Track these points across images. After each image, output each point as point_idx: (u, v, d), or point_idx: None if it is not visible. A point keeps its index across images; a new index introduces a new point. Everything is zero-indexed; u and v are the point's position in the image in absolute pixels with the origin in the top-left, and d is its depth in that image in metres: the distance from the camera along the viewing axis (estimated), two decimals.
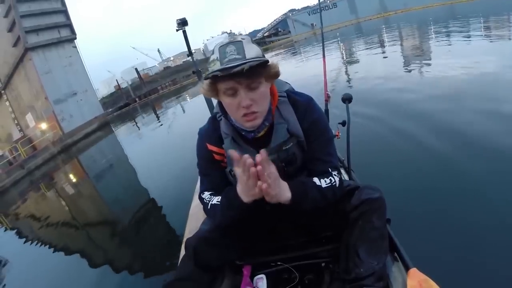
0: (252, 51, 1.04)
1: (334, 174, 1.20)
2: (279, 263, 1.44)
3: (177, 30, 2.76)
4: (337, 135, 2.19)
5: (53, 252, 4.49)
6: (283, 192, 1.06)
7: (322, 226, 1.40)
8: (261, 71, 1.05)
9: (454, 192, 2.48)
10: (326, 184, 1.16)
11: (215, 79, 1.06)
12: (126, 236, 4.25)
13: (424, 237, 2.02)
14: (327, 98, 2.45)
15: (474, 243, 1.92)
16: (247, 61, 0.99)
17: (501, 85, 4.50)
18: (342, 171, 2.02)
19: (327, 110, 2.43)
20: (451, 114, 3.94)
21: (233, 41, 1.05)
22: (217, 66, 1.04)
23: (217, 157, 1.28)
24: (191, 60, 3.34)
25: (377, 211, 1.19)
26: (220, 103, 1.22)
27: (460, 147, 3.12)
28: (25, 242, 5.42)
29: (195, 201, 2.37)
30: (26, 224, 6.72)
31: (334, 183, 1.17)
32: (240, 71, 0.98)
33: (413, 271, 1.18)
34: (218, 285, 1.35)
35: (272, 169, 1.00)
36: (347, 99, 2.03)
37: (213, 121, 1.31)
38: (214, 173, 1.30)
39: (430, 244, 1.95)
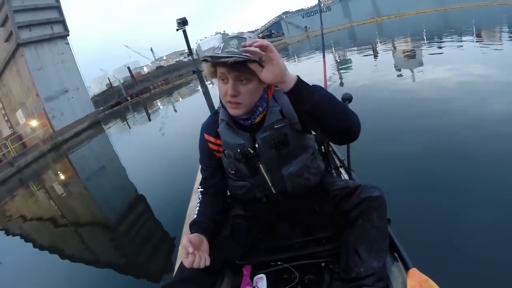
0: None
1: None
2: (279, 263, 1.43)
3: (177, 30, 2.76)
4: None
5: (44, 253, 4.39)
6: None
7: (322, 225, 1.41)
8: (249, 69, 1.08)
9: (455, 193, 2.51)
10: None
11: (214, 63, 1.15)
12: (118, 237, 4.19)
13: (424, 237, 2.03)
14: None
15: (474, 244, 1.94)
16: (234, 56, 1.04)
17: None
18: (342, 171, 2.03)
19: None
20: (451, 115, 4.00)
21: (239, 36, 1.12)
22: (216, 52, 1.13)
23: (211, 146, 1.37)
24: (185, 59, 3.34)
25: (377, 209, 1.20)
26: None
27: (462, 147, 3.17)
28: (14, 241, 5.32)
29: (193, 201, 2.34)
30: (16, 223, 6.58)
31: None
32: (225, 62, 1.05)
33: (413, 271, 1.19)
34: (218, 285, 1.34)
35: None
36: (347, 99, 2.02)
37: (214, 114, 1.41)
38: (209, 163, 1.41)
39: (430, 244, 1.97)
